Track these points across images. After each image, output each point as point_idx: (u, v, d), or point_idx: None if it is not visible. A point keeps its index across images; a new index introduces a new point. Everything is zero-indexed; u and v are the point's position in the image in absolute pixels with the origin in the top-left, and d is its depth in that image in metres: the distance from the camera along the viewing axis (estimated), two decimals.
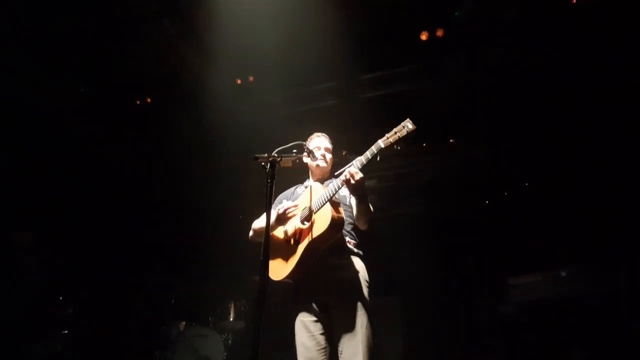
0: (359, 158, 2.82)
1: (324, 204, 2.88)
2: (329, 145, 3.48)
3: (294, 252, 2.96)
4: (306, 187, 3.26)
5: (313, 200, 3.00)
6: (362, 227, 3.10)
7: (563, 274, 4.71)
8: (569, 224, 5.42)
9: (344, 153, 5.70)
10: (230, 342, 5.74)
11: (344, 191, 3.10)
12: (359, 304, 2.88)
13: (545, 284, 4.77)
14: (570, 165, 5.56)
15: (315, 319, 2.96)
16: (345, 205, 3.14)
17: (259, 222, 3.29)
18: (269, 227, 2.49)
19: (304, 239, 2.92)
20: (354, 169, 2.79)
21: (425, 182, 6.47)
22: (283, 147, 2.77)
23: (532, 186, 6.11)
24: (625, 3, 4.42)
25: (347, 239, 3.10)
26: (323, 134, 3.53)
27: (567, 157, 5.56)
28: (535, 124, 5.57)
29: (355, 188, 2.83)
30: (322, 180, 3.29)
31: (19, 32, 4.86)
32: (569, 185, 5.57)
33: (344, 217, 2.95)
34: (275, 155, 2.62)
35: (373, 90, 5.66)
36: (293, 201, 3.26)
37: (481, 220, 6.11)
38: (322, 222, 2.82)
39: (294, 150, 2.85)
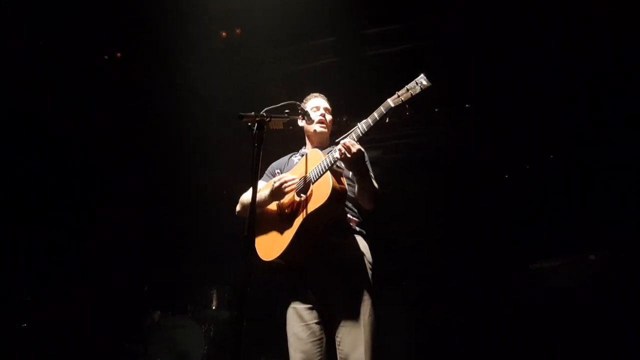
0: (365, 120, 2.75)
1: (323, 173, 2.81)
2: (328, 106, 3.41)
3: (288, 228, 2.90)
4: (303, 156, 3.19)
5: (311, 169, 2.93)
6: (366, 206, 3.04)
7: (592, 257, 4.69)
8: (600, 200, 5.38)
9: (344, 119, 5.65)
10: (212, 334, 5.74)
11: None
12: (362, 289, 2.85)
13: (572, 269, 4.75)
14: (604, 133, 5.50)
15: (309, 305, 2.92)
16: (349, 178, 3.07)
17: (249, 195, 3.22)
18: (255, 199, 2.43)
19: (300, 213, 2.85)
20: (349, 140, 2.72)
21: (436, 154, 6.42)
22: (273, 106, 2.69)
23: (559, 159, 6.05)
24: None
25: (350, 215, 3.05)
26: (320, 94, 3.48)
27: (602, 125, 5.50)
28: (569, 88, 5.49)
29: (353, 163, 2.76)
30: (321, 147, 3.21)
31: None
32: (601, 156, 5.51)
33: (347, 191, 2.89)
34: (264, 114, 2.55)
35: (378, 47, 5.58)
36: (288, 171, 3.20)
37: (500, 197, 6.06)
38: (321, 194, 2.76)
39: (286, 111, 2.78)
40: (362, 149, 2.75)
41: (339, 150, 2.71)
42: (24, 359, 5.26)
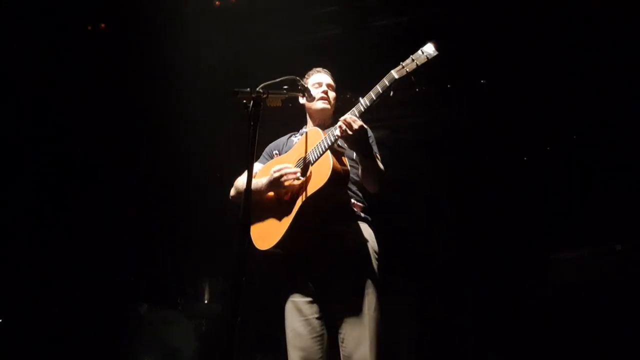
0: (367, 95, 2.73)
1: (323, 153, 2.80)
2: (332, 82, 3.41)
3: (286, 214, 2.89)
4: (303, 135, 3.18)
5: (310, 149, 2.92)
6: (371, 189, 3.04)
7: (618, 247, 4.67)
8: (627, 184, 5.34)
9: (347, 96, 5.62)
10: (204, 329, 5.76)
11: None
12: (367, 281, 2.85)
13: (596, 260, 4.74)
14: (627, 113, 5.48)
15: (310, 299, 2.92)
16: (352, 160, 3.06)
17: (244, 179, 3.22)
18: (250, 183, 2.41)
19: (298, 198, 2.85)
20: (350, 116, 2.70)
21: (448, 134, 6.39)
22: (271, 81, 2.67)
23: (582, 138, 6.02)
24: None
25: (354, 200, 3.05)
26: (323, 69, 3.47)
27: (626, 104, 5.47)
28: (600, 61, 5.45)
29: (355, 141, 2.74)
30: (323, 127, 3.18)
31: None
32: (633, 136, 5.48)
33: (349, 172, 2.88)
34: (261, 90, 2.53)
35: (386, 18, 5.55)
36: (287, 152, 3.20)
37: (518, 181, 6.05)
38: (320, 175, 2.75)
39: (285, 87, 2.77)
40: (365, 126, 2.73)
41: (339, 127, 2.69)
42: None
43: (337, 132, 2.72)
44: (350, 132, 2.67)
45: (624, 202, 5.29)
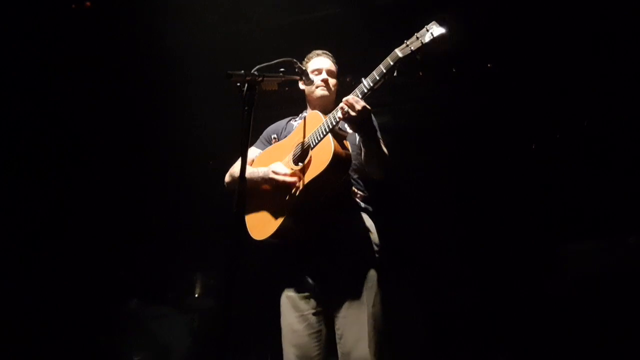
0: (370, 75, 2.70)
1: (323, 136, 2.78)
2: (333, 68, 3.39)
3: (283, 202, 2.87)
4: (302, 119, 3.16)
5: (309, 133, 2.90)
6: (376, 175, 3.04)
7: (632, 240, 4.68)
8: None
9: (347, 79, 5.59)
10: (195, 324, 5.76)
11: None
12: (367, 275, 2.84)
13: (607, 253, 4.74)
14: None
15: (307, 293, 2.92)
16: (354, 145, 3.04)
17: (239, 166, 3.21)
18: (244, 169, 2.40)
19: (297, 185, 2.83)
20: (352, 97, 2.69)
21: (454, 120, 6.37)
22: (266, 63, 2.66)
23: (592, 127, 6.00)
24: None
25: (355, 189, 3.03)
26: (325, 52, 3.45)
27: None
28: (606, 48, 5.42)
29: (358, 122, 2.72)
30: (323, 112, 3.16)
31: None
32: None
33: (352, 157, 2.86)
34: (256, 73, 2.53)
35: None
36: (285, 137, 3.19)
37: (526, 169, 6.04)
38: (320, 160, 2.72)
39: (281, 69, 2.77)
40: (368, 107, 2.70)
41: (341, 109, 2.67)
42: None
43: (339, 114, 2.70)
44: (353, 113, 2.65)
45: (635, 193, 5.30)
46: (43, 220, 6.05)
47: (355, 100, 2.65)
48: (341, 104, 2.69)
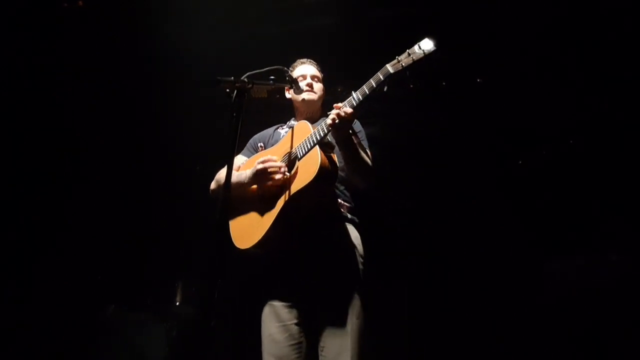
0: (360, 89, 2.74)
1: (311, 148, 2.80)
2: (318, 74, 3.44)
3: (268, 211, 2.89)
4: (290, 128, 3.19)
5: (297, 144, 2.92)
6: (361, 185, 3.06)
7: (614, 257, 4.72)
8: (624, 192, 5.38)
9: (339, 90, 5.63)
10: (174, 332, 5.72)
11: None
12: (351, 287, 2.86)
13: (590, 270, 4.78)
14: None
15: (289, 303, 2.92)
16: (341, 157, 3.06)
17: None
18: (229, 176, 2.40)
19: (282, 195, 2.84)
20: (344, 106, 2.72)
21: (440, 135, 6.41)
22: (256, 71, 2.68)
23: (578, 144, 6.07)
24: None
25: (340, 200, 3.05)
26: (308, 59, 3.51)
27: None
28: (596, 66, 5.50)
29: (346, 132, 2.77)
30: (311, 120, 3.19)
31: None
32: (631, 141, 5.53)
33: (338, 169, 2.88)
34: (245, 80, 2.55)
35: (383, 7, 5.55)
36: (272, 145, 3.20)
37: (512, 186, 6.08)
38: (307, 172, 2.74)
39: (272, 77, 2.79)
40: (353, 112, 2.72)
41: (332, 119, 2.69)
42: None
43: (329, 121, 2.72)
44: (342, 122, 2.68)
45: (620, 210, 5.35)
46: (20, 224, 5.99)
47: (346, 110, 2.68)
48: (331, 115, 2.70)
